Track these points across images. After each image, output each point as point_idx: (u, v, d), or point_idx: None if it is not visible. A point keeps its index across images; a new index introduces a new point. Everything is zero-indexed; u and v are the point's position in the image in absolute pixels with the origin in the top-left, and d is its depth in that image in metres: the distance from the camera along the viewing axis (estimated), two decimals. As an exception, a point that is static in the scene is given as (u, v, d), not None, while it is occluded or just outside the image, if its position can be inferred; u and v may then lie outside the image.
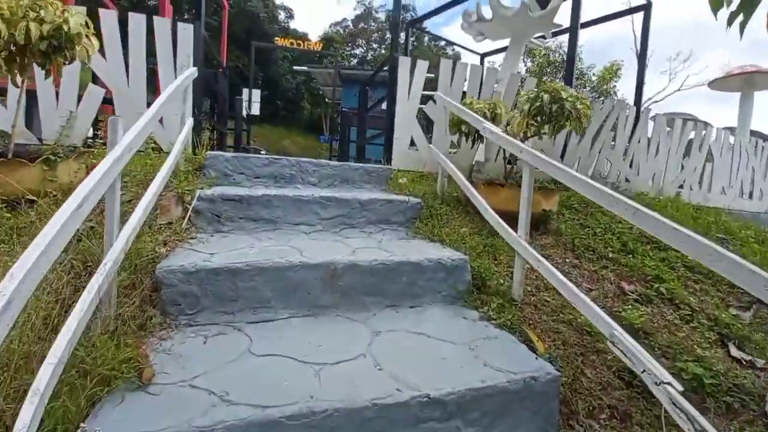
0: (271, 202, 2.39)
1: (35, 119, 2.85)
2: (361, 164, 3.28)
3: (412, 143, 3.73)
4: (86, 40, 2.18)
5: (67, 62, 2.20)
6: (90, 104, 2.94)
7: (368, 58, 42.61)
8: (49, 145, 2.39)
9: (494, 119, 3.05)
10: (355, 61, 40.98)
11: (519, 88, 3.85)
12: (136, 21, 2.99)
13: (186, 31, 3.14)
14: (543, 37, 6.50)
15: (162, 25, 3.11)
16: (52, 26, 1.99)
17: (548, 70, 18.85)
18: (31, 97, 2.75)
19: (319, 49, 9.07)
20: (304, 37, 41.38)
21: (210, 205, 2.28)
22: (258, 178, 2.80)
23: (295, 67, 11.44)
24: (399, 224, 2.62)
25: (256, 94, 7.80)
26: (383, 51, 43.78)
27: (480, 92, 3.78)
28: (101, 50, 2.88)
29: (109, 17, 2.93)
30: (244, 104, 7.08)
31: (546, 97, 2.67)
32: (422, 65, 3.65)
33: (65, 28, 2.01)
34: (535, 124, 2.85)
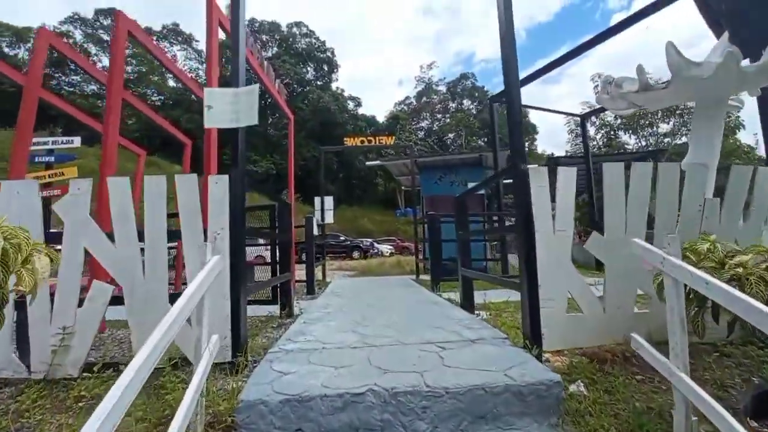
0: None
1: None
2: (503, 378, 1.71)
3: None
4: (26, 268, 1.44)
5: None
6: (93, 311, 2.16)
7: (434, 129, 44.29)
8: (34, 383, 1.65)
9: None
10: (422, 133, 42.82)
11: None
12: (153, 185, 2.24)
13: (219, 185, 2.26)
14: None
15: (186, 183, 2.27)
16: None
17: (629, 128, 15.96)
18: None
19: (390, 143, 9.21)
20: (371, 121, 45.56)
21: None
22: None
23: (368, 163, 11.66)
24: None
25: (329, 201, 7.50)
26: (447, 120, 45.38)
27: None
28: (110, 234, 2.28)
29: (118, 187, 2.25)
30: (316, 215, 6.85)
31: None
32: (568, 174, 2.41)
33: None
34: None
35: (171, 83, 35.28)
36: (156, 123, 6.43)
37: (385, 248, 23.80)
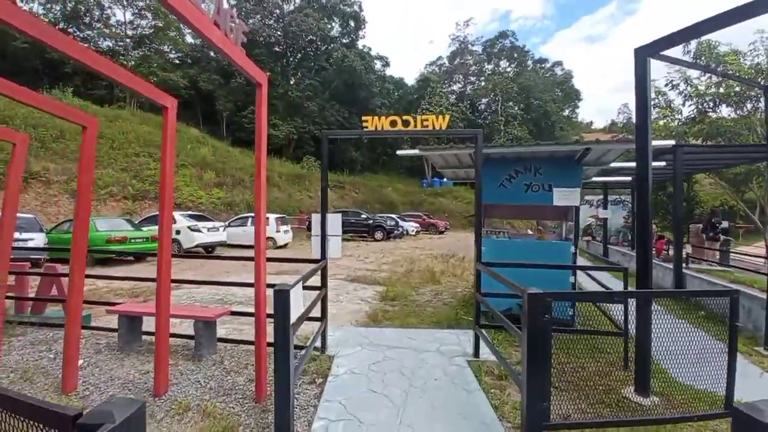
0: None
1: None
2: None
3: None
4: None
5: None
6: None
7: (467, 92, 46.37)
8: None
9: None
10: (453, 97, 45.24)
11: None
12: None
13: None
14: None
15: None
16: None
17: (731, 101, 13.47)
18: None
19: (443, 127, 4.20)
20: (400, 83, 48.57)
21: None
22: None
23: (399, 152, 8.14)
24: None
25: (335, 222, 4.58)
26: (482, 83, 46.82)
27: None
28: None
29: None
30: (314, 243, 4.53)
31: None
32: None
33: None
34: None
35: (189, 39, 36.72)
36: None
37: (411, 227, 25.28)
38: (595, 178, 8.33)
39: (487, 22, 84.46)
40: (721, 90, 14.51)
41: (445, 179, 39.78)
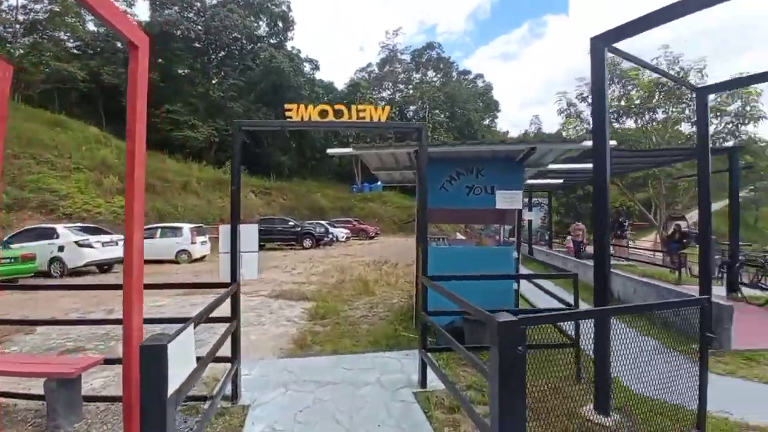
0: None
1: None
2: None
3: None
4: None
5: None
6: None
7: (396, 99, 46.97)
8: None
9: None
10: (383, 103, 45.52)
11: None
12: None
13: None
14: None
15: None
16: None
17: (659, 98, 14.43)
18: None
19: (383, 118, 3.34)
20: (330, 87, 47.70)
21: None
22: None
23: (330, 151, 6.32)
24: None
25: (250, 234, 3.48)
26: (410, 91, 47.95)
27: None
28: None
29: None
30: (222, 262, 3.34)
31: None
32: None
33: None
34: None
35: (90, 26, 32.50)
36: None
37: (341, 233, 24.71)
38: (529, 181, 8.26)
39: (415, 34, 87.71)
40: (623, 103, 16.02)
41: (375, 184, 39.78)
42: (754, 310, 6.45)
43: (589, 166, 8.02)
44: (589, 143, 4.19)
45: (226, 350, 3.23)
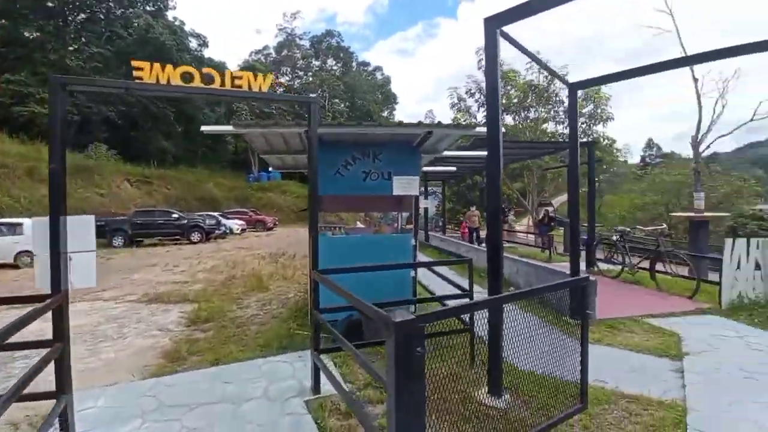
0: None
1: None
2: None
3: None
4: None
5: None
6: None
7: (295, 86, 45.06)
8: None
9: None
10: (281, 90, 43.11)
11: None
12: None
13: None
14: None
15: None
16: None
17: (532, 98, 16.20)
18: None
19: (264, 87, 2.73)
20: (221, 67, 43.57)
21: None
22: None
23: (204, 128, 5.05)
24: None
25: (82, 228, 2.60)
26: (310, 78, 46.59)
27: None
28: None
29: None
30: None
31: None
32: None
33: None
34: None
35: None
36: None
37: (235, 225, 22.71)
38: (425, 168, 8.35)
39: (315, 20, 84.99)
40: (504, 101, 17.62)
41: (272, 172, 37.72)
42: (609, 282, 7.48)
43: (481, 153, 8.48)
44: (482, 129, 4.18)
45: (49, 383, 2.40)
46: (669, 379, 3.50)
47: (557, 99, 17.00)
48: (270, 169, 24.72)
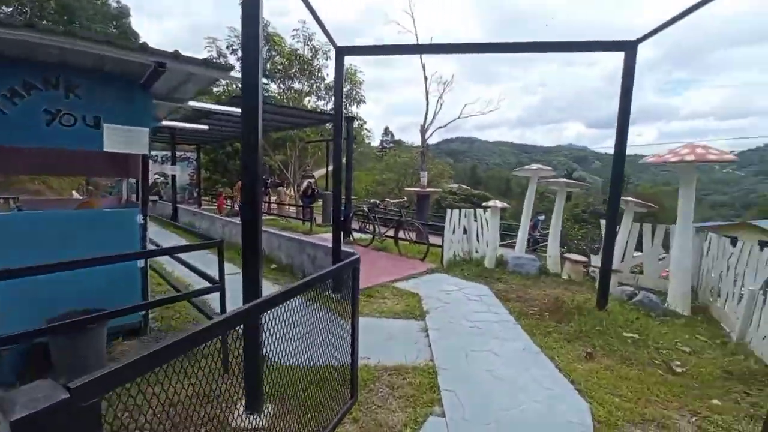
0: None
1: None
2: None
3: None
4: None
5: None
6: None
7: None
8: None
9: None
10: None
11: None
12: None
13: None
14: None
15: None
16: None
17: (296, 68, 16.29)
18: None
19: None
20: None
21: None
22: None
23: None
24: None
25: None
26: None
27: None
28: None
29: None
30: None
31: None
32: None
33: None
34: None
35: None
36: None
37: None
38: (164, 122, 6.44)
39: None
40: (268, 66, 16.46)
41: None
42: (363, 250, 8.01)
43: (238, 110, 7.28)
44: (239, 75, 3.18)
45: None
46: (419, 340, 3.74)
47: (320, 75, 17.32)
48: None
